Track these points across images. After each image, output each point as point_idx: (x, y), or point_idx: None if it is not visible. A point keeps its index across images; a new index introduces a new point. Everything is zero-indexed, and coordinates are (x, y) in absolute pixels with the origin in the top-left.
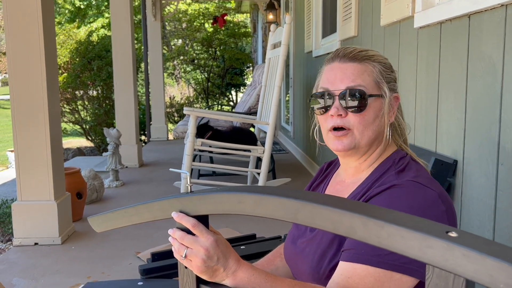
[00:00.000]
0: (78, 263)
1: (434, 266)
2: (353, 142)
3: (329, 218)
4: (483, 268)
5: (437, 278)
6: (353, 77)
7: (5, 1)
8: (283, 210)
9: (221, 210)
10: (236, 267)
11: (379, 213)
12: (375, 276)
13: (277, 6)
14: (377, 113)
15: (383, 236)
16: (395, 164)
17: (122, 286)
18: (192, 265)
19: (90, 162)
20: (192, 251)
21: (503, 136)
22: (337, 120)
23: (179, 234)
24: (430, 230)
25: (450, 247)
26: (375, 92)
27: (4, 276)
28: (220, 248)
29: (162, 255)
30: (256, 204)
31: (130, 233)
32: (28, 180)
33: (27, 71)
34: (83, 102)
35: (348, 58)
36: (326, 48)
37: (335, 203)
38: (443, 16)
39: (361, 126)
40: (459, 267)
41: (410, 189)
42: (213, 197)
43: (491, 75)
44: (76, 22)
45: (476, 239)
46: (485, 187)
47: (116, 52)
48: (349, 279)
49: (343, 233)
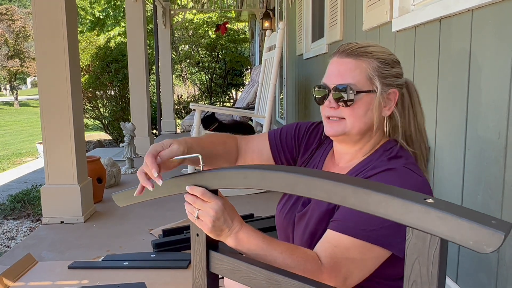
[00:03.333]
0: (99, 238)
1: (413, 228)
2: (344, 130)
3: (323, 189)
4: (455, 228)
5: (415, 238)
6: (345, 73)
7: (34, 13)
8: (284, 183)
9: (230, 185)
10: (239, 229)
11: (367, 184)
12: (359, 248)
13: (272, 15)
14: (368, 107)
15: (371, 202)
16: (385, 152)
17: (137, 258)
18: (202, 224)
19: (109, 152)
20: (202, 212)
21: (469, 124)
22: (331, 111)
23: (191, 198)
24: (411, 197)
25: (427, 211)
26: (365, 88)
27: (35, 249)
28: (227, 210)
29: (172, 232)
30: (259, 179)
31: (143, 213)
32: (55, 166)
33: (54, 74)
34: (102, 100)
35: (345, 54)
36: (315, 51)
37: (329, 176)
38: (417, 21)
39: (352, 118)
40: (435, 228)
41: (402, 173)
42: (222, 173)
43: (459, 71)
44: (96, 30)
45: (450, 205)
46: (454, 169)
47: (131, 56)
48: (335, 248)
49: (336, 201)
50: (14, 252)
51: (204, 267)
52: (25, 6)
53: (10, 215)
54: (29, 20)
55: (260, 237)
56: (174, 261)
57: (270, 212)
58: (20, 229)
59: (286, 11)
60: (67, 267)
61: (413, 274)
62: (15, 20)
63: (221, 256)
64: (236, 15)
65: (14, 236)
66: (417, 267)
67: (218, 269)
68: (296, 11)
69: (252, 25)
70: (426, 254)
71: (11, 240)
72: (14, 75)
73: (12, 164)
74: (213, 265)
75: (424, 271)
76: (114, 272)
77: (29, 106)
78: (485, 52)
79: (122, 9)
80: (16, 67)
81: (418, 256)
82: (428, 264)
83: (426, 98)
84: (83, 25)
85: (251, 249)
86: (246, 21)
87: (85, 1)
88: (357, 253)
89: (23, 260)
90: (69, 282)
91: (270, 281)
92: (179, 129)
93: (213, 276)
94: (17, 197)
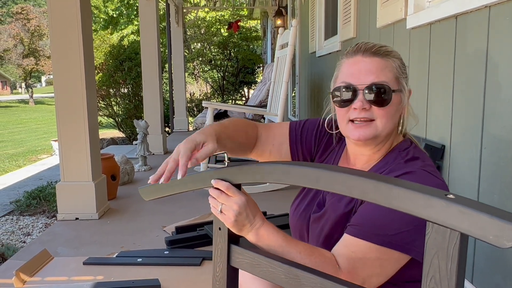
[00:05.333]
0: (113, 235)
1: (434, 222)
2: (374, 133)
3: (344, 183)
4: (475, 222)
5: (435, 233)
6: (377, 72)
7: (50, 13)
8: (307, 178)
9: (253, 179)
10: (260, 225)
11: (387, 179)
12: (376, 253)
13: (285, 13)
14: (398, 107)
15: (391, 196)
16: (401, 153)
17: (151, 255)
18: (225, 218)
19: (122, 150)
20: (226, 207)
21: (486, 123)
22: (361, 113)
23: (216, 192)
24: (432, 192)
25: (447, 205)
26: (395, 87)
27: (50, 245)
28: (249, 206)
29: (185, 229)
30: (283, 174)
31: (157, 210)
32: (70, 164)
33: (69, 72)
34: (116, 98)
35: (371, 53)
36: (328, 48)
37: (350, 171)
38: (432, 18)
39: (385, 119)
40: (455, 222)
41: (422, 176)
42: (247, 169)
43: (475, 68)
44: (110, 29)
45: (470, 201)
46: (469, 169)
47: (144, 54)
48: (353, 253)
49: (357, 196)
50: (30, 248)
51: (225, 260)
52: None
53: (26, 211)
54: (44, 19)
55: (281, 235)
56: (187, 258)
57: (283, 210)
58: (36, 225)
59: (299, 9)
60: (82, 263)
61: (432, 269)
62: (30, 19)
63: (242, 250)
64: (248, 13)
65: (30, 232)
66: (436, 262)
67: (238, 263)
68: (309, 9)
69: (264, 23)
70: (446, 249)
71: (27, 236)
72: (29, 73)
73: (28, 161)
74: (233, 259)
75: (443, 266)
76: (128, 268)
77: (44, 104)
78: (503, 49)
79: (135, 8)
80: (31, 66)
81: (437, 250)
82: (447, 259)
83: (441, 96)
84: (96, 24)
85: (271, 245)
86: (258, 19)
87: (98, 0)
88: (375, 258)
89: (39, 256)
90: (84, 278)
91: (290, 276)
92: (192, 127)
93: (233, 270)
94: (33, 194)
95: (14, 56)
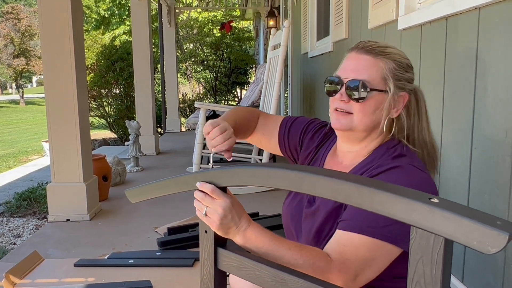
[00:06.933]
0: (104, 236)
1: (418, 227)
2: (350, 124)
3: (328, 187)
4: (459, 228)
5: (419, 238)
6: (362, 70)
7: (40, 12)
8: (290, 181)
9: (238, 182)
10: (247, 226)
11: (371, 182)
12: (368, 246)
13: (277, 13)
14: (378, 106)
15: (375, 201)
16: (389, 150)
17: (143, 256)
18: (211, 221)
19: (114, 151)
20: (210, 210)
21: (476, 123)
22: (340, 104)
23: (200, 195)
24: (415, 196)
25: (431, 210)
26: (379, 87)
27: (41, 247)
28: (235, 208)
29: (177, 230)
30: (267, 177)
31: (149, 211)
32: (61, 165)
33: (60, 72)
34: (107, 98)
35: (364, 51)
36: (320, 49)
37: (334, 174)
38: (423, 19)
39: (361, 114)
40: (439, 227)
41: (409, 170)
42: (231, 171)
43: (466, 70)
44: (101, 29)
45: (454, 205)
46: (460, 169)
47: (136, 55)
48: (345, 246)
49: (341, 200)
50: (21, 250)
51: (212, 263)
52: (31, 5)
53: (16, 212)
54: (35, 19)
55: (268, 235)
56: (180, 259)
57: (275, 211)
58: (26, 226)
59: (291, 10)
60: (73, 264)
61: (417, 275)
62: (20, 18)
63: (229, 253)
64: (241, 13)
65: (21, 233)
66: (420, 267)
67: (225, 266)
68: (301, 10)
69: (257, 23)
70: (430, 254)
71: (18, 238)
72: (20, 73)
73: (18, 162)
74: (220, 262)
75: (428, 271)
76: (120, 270)
77: (34, 105)
78: (493, 50)
79: (127, 8)
80: (22, 66)
81: (422, 256)
82: (432, 264)
83: (432, 97)
84: (88, 24)
85: (259, 246)
86: (251, 19)
87: (90, 0)
88: (367, 251)
89: (30, 258)
90: (75, 280)
91: (276, 279)
92: (184, 127)
93: (220, 273)
94: (23, 195)
95: (5, 56)
